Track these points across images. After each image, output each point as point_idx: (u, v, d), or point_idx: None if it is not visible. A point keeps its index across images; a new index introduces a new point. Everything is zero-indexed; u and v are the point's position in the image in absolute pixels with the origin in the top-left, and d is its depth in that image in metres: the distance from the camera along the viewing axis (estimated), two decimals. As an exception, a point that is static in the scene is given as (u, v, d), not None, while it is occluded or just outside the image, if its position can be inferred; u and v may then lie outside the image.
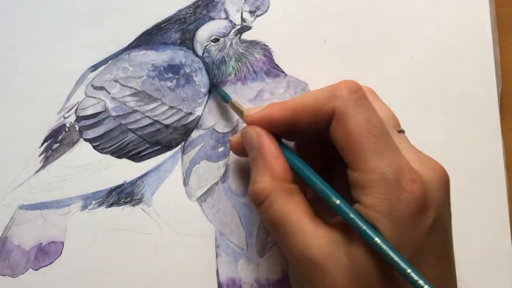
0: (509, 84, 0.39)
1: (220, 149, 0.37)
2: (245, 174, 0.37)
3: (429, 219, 0.27)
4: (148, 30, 0.38)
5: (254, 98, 0.38)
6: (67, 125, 0.37)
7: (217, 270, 0.36)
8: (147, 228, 0.37)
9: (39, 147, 0.37)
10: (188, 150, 0.37)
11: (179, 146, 0.37)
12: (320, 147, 0.33)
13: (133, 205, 0.37)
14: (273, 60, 0.38)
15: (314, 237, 0.28)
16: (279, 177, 0.30)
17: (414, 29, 0.39)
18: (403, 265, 0.25)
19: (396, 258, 0.25)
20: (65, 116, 0.37)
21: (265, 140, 0.31)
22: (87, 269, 0.36)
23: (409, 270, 0.25)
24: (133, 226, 0.37)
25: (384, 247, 0.26)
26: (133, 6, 0.38)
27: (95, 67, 0.38)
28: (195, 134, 0.37)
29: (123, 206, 0.37)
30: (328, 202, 0.28)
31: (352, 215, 0.27)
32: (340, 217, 0.28)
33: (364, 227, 0.26)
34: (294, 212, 0.29)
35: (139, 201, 0.37)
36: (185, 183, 0.37)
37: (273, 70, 0.38)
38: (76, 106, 0.37)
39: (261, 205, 0.30)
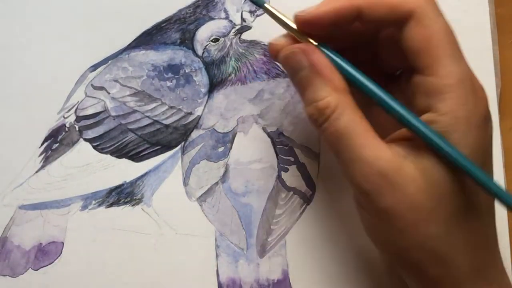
0: (508, 84, 0.39)
1: (220, 149, 0.37)
2: (245, 174, 0.37)
3: (490, 128, 0.28)
4: (148, 30, 0.38)
5: (254, 98, 0.38)
6: (67, 125, 0.37)
7: (217, 270, 0.36)
8: (147, 228, 0.37)
9: (39, 147, 0.37)
10: (188, 150, 0.37)
11: (179, 146, 0.37)
12: (365, 55, 0.32)
13: (133, 205, 0.37)
14: (273, 60, 0.38)
15: (383, 150, 0.27)
16: (341, 89, 0.28)
17: (414, 29, 0.39)
18: (482, 175, 0.26)
19: (474, 169, 0.26)
20: (65, 116, 0.37)
21: (316, 56, 0.29)
22: (87, 269, 0.36)
23: (488, 179, 0.26)
24: (133, 226, 0.37)
25: (460, 157, 0.26)
26: (133, 6, 0.38)
27: (95, 67, 0.38)
28: (195, 134, 0.37)
29: (123, 206, 0.37)
30: (392, 113, 0.28)
31: (422, 126, 0.27)
32: (401, 132, 0.28)
33: (438, 139, 0.26)
34: (361, 124, 0.28)
35: (139, 201, 0.37)
36: (185, 183, 0.37)
37: (273, 70, 0.38)
38: (76, 106, 0.37)
39: (327, 121, 0.28)
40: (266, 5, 0.31)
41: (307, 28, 0.30)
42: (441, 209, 0.27)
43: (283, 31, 0.38)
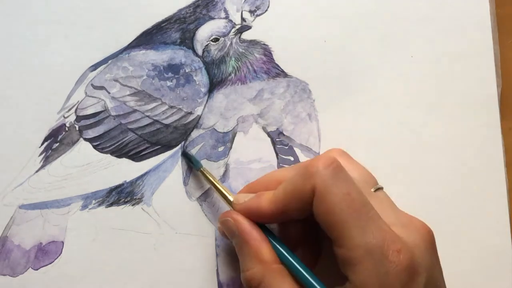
0: (509, 84, 0.39)
1: (220, 149, 0.37)
2: (245, 173, 0.37)
3: (421, 285, 0.27)
4: (148, 29, 0.38)
5: (254, 97, 0.38)
6: (67, 124, 0.37)
7: (217, 270, 0.36)
8: (147, 228, 0.37)
9: (39, 147, 0.37)
10: (188, 150, 0.37)
11: (179, 145, 0.37)
12: (306, 224, 0.33)
13: (133, 205, 0.37)
14: (273, 59, 0.38)
15: None
16: (267, 261, 0.30)
17: (414, 29, 0.39)
18: None
19: None
20: (65, 116, 0.37)
21: (245, 226, 0.31)
22: (87, 269, 0.36)
23: None
24: (133, 225, 0.37)
25: None
26: (133, 6, 0.38)
27: (95, 67, 0.38)
28: (195, 133, 0.37)
29: (123, 206, 0.37)
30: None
31: None
32: None
33: None
34: None
35: (139, 200, 0.37)
36: (185, 183, 0.37)
37: (273, 69, 0.38)
38: (76, 106, 0.37)
39: None
40: (202, 169, 0.35)
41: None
42: None
43: (284, 31, 0.38)
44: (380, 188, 0.32)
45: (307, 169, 0.29)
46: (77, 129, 0.37)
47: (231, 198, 0.33)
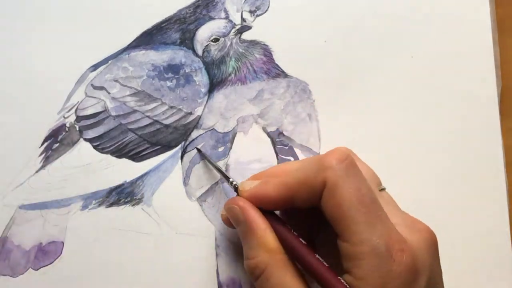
0: (509, 84, 0.39)
1: (220, 149, 0.37)
2: (245, 173, 0.37)
3: (422, 286, 0.28)
4: (148, 30, 0.38)
5: (254, 98, 0.38)
6: (67, 125, 0.37)
7: (217, 270, 0.36)
8: (147, 228, 0.37)
9: (39, 147, 0.37)
10: (188, 150, 0.37)
11: (179, 146, 0.37)
12: (307, 214, 0.33)
13: (133, 205, 0.37)
14: (273, 60, 0.38)
15: None
16: (271, 250, 0.30)
17: (414, 29, 0.39)
18: None
19: None
20: (65, 116, 0.37)
21: (252, 214, 0.31)
22: (87, 269, 0.36)
23: None
24: (133, 226, 0.37)
25: None
26: (133, 6, 0.38)
27: (95, 67, 0.38)
28: (195, 134, 0.37)
29: (123, 206, 0.37)
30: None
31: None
32: None
33: None
34: (291, 284, 0.29)
35: (139, 201, 0.37)
36: (185, 183, 0.37)
37: (273, 70, 0.38)
38: (76, 106, 0.37)
39: (258, 280, 0.30)
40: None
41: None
42: None
43: (284, 32, 0.38)
44: (383, 189, 0.32)
45: (320, 162, 0.29)
46: (77, 129, 0.37)
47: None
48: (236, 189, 0.33)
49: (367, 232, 0.27)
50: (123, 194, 0.37)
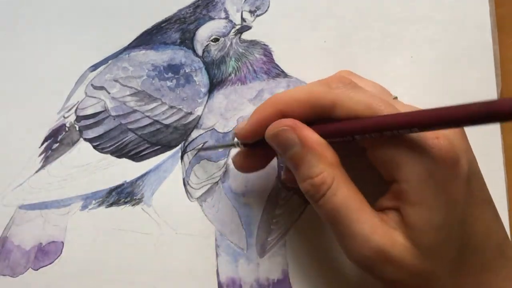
0: (509, 84, 0.39)
1: (220, 149, 0.37)
2: (245, 174, 0.37)
3: (465, 167, 0.27)
4: (148, 30, 0.38)
5: (254, 98, 0.38)
6: (67, 125, 0.37)
7: (217, 270, 0.36)
8: (147, 228, 0.37)
9: (39, 147, 0.37)
10: (188, 150, 0.37)
11: (179, 146, 0.37)
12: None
13: (133, 205, 0.37)
14: (273, 60, 0.38)
15: (377, 224, 0.28)
16: (334, 163, 0.29)
17: (414, 29, 0.39)
18: None
19: None
20: (65, 116, 0.37)
21: (306, 132, 0.29)
22: (87, 269, 0.36)
23: None
24: (133, 226, 0.37)
25: None
26: (133, 6, 0.38)
27: (95, 67, 0.38)
28: (195, 134, 0.37)
29: (123, 206, 0.37)
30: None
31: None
32: (386, 200, 0.29)
33: None
34: (356, 199, 0.28)
35: (139, 201, 0.37)
36: (185, 183, 0.37)
37: (273, 70, 0.38)
38: (76, 106, 0.37)
39: (323, 197, 0.29)
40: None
41: (251, 140, 0.31)
42: (442, 265, 0.28)
43: (284, 32, 0.38)
44: (396, 97, 0.32)
45: (327, 84, 0.29)
46: (77, 129, 0.37)
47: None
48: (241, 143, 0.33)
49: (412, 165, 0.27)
50: (123, 194, 0.37)
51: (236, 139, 0.32)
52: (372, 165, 0.30)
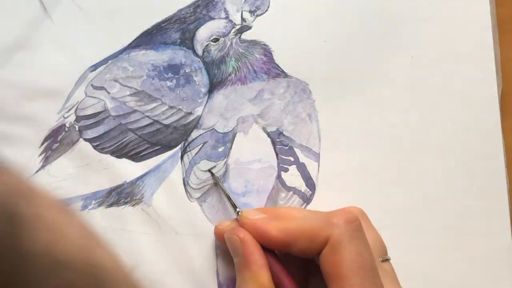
0: (509, 84, 0.39)
1: (220, 149, 0.37)
2: (245, 174, 0.37)
3: None
4: (148, 30, 0.38)
5: (254, 98, 0.38)
6: (67, 125, 0.37)
7: (217, 270, 0.36)
8: (147, 228, 0.37)
9: (39, 147, 0.37)
10: (188, 150, 0.37)
11: (179, 146, 0.37)
12: (304, 261, 0.33)
13: (133, 205, 0.37)
14: (273, 60, 0.38)
15: None
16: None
17: (414, 29, 0.39)
18: None
19: None
20: (65, 116, 0.37)
21: (250, 248, 0.31)
22: (87, 269, 0.36)
23: None
24: (133, 226, 0.37)
25: None
26: (133, 6, 0.38)
27: (95, 67, 0.38)
28: (195, 134, 0.37)
29: (123, 206, 0.37)
30: None
31: None
32: None
33: None
34: None
35: (139, 201, 0.37)
36: (185, 183, 0.37)
37: (273, 70, 0.38)
38: (76, 106, 0.37)
39: None
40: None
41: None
42: None
43: (284, 32, 0.38)
44: (388, 260, 0.33)
45: (328, 218, 0.30)
46: (77, 129, 0.37)
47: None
48: (237, 214, 0.34)
49: None
50: (123, 194, 0.37)
51: (239, 210, 0.34)
52: None
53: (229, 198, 0.35)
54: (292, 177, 0.37)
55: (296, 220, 0.32)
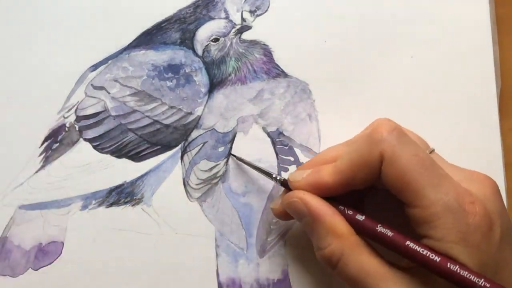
0: (508, 84, 0.39)
1: (220, 149, 0.37)
2: (245, 174, 0.37)
3: (497, 233, 0.28)
4: (148, 29, 0.38)
5: (254, 97, 0.38)
6: (67, 125, 0.37)
7: (217, 270, 0.36)
8: (147, 228, 0.37)
9: (39, 147, 0.37)
10: (188, 150, 0.37)
11: (179, 146, 0.37)
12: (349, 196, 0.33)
13: (133, 205, 0.37)
14: (273, 60, 0.38)
15: (397, 284, 0.28)
16: (343, 235, 0.29)
17: (414, 29, 0.39)
18: None
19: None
20: (65, 116, 0.37)
21: (315, 203, 0.30)
22: (87, 269, 0.36)
23: None
24: (133, 226, 0.37)
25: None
26: (133, 6, 0.38)
27: (95, 67, 0.38)
28: (195, 134, 0.37)
29: (123, 206, 0.37)
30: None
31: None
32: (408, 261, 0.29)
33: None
34: (371, 264, 0.29)
35: (139, 201, 0.37)
36: (185, 183, 0.37)
37: (273, 69, 0.38)
38: (76, 106, 0.37)
39: (337, 268, 0.29)
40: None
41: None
42: None
43: (284, 32, 0.38)
44: (433, 150, 0.33)
45: (371, 137, 0.29)
46: (77, 129, 0.37)
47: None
48: (283, 183, 0.33)
49: (436, 192, 0.28)
50: (123, 194, 0.37)
51: (279, 177, 0.33)
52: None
53: (262, 170, 0.35)
54: (292, 177, 0.37)
55: (342, 157, 0.31)
